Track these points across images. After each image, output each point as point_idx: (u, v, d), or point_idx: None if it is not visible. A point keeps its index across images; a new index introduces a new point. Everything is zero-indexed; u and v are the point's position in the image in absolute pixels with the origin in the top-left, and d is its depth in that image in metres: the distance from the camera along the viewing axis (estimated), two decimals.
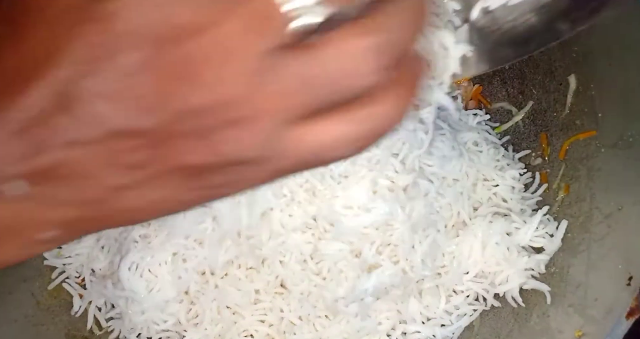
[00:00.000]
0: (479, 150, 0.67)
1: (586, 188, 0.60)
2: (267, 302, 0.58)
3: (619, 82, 0.58)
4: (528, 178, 0.67)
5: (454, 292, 0.62)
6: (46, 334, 0.58)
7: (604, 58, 0.60)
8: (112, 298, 0.59)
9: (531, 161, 0.68)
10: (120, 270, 0.57)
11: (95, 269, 0.60)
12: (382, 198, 0.57)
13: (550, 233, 0.61)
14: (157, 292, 0.57)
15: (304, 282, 0.58)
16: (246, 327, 0.58)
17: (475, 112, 0.72)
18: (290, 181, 0.57)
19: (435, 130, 0.65)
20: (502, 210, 0.64)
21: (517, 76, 0.72)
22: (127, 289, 0.57)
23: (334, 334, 0.59)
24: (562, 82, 0.65)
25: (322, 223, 0.58)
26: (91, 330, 0.60)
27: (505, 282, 0.61)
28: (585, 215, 0.59)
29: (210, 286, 0.58)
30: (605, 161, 0.59)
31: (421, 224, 0.59)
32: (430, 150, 0.62)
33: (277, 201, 0.57)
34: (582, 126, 0.62)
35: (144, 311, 0.58)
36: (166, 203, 0.23)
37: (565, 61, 0.65)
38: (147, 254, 0.57)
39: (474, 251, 0.61)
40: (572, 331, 0.53)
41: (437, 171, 0.62)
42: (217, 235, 0.57)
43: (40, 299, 0.59)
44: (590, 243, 0.57)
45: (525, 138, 0.70)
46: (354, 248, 0.58)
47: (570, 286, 0.57)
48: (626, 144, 0.57)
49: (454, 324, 0.61)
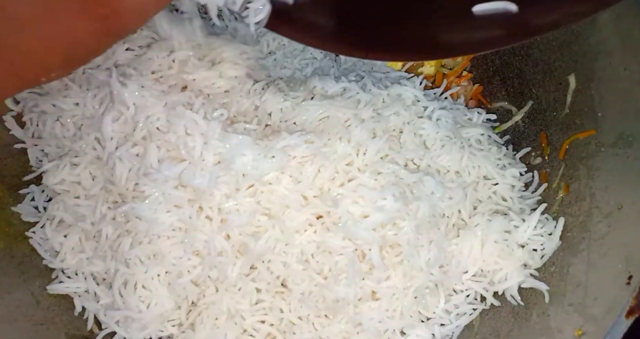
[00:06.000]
0: (481, 147, 0.67)
1: (586, 188, 0.60)
2: (267, 302, 0.58)
3: (618, 81, 0.58)
4: (528, 177, 0.67)
5: (454, 291, 0.62)
6: (46, 334, 0.58)
7: (603, 58, 0.60)
8: (110, 324, 0.59)
9: (531, 160, 0.68)
10: (114, 290, 0.58)
11: (94, 272, 0.60)
12: (392, 196, 0.57)
13: (549, 232, 0.61)
14: (155, 306, 0.58)
15: (305, 282, 0.58)
16: (246, 327, 0.58)
17: (479, 111, 0.72)
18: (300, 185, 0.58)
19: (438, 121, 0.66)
20: (501, 208, 0.64)
21: (516, 76, 0.72)
22: (123, 308, 0.58)
23: (334, 333, 0.59)
24: (561, 81, 0.65)
25: (327, 221, 0.58)
26: (91, 330, 0.60)
27: (504, 280, 0.61)
28: (585, 214, 0.59)
29: (210, 289, 0.58)
30: (604, 160, 0.59)
31: (425, 225, 0.59)
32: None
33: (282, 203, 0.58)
34: (582, 125, 0.62)
35: (145, 326, 0.58)
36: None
37: (565, 60, 0.65)
38: (139, 270, 0.57)
39: (473, 250, 0.61)
40: (572, 330, 0.53)
41: (440, 162, 0.63)
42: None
43: (40, 299, 0.59)
44: (590, 242, 0.57)
45: (525, 138, 0.70)
46: (358, 248, 0.58)
47: (570, 285, 0.57)
48: (626, 143, 0.57)
49: (454, 324, 0.61)
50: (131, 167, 0.58)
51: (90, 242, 0.60)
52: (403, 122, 0.64)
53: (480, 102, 0.76)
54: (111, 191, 0.59)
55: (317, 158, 0.58)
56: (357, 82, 0.67)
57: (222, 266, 0.57)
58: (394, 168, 0.60)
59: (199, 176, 0.56)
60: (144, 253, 0.57)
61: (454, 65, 0.78)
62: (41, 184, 0.63)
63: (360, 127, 0.61)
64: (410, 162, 0.63)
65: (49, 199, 0.63)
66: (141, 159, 0.57)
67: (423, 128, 0.64)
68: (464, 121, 0.70)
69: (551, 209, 0.64)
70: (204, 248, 0.57)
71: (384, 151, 0.61)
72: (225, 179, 0.56)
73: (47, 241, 0.61)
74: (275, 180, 0.57)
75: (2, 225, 0.61)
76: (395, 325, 0.59)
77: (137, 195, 0.57)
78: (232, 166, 0.56)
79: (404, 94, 0.66)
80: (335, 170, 0.58)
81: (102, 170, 0.60)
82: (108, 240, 0.59)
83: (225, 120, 0.59)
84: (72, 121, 0.61)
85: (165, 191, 0.56)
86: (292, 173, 0.58)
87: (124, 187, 0.58)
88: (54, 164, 0.61)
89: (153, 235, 0.57)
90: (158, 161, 0.57)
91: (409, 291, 0.59)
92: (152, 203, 0.56)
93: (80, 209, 0.60)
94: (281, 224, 0.57)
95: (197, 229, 0.57)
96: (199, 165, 0.56)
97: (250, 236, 0.57)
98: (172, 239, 0.57)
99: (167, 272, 0.58)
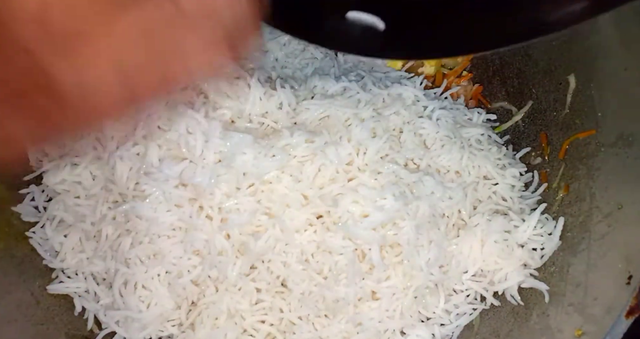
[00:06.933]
0: (481, 147, 0.67)
1: (586, 188, 0.60)
2: (267, 302, 0.58)
3: (618, 81, 0.58)
4: (528, 177, 0.67)
5: (454, 291, 0.62)
6: (46, 334, 0.58)
7: (603, 58, 0.60)
8: (110, 324, 0.59)
9: (531, 160, 0.68)
10: (114, 289, 0.58)
11: (94, 272, 0.60)
12: (392, 196, 0.57)
13: (548, 232, 0.61)
14: (155, 306, 0.58)
15: (305, 282, 0.58)
16: (246, 327, 0.58)
17: (479, 111, 0.72)
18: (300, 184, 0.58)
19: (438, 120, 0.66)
20: (501, 208, 0.64)
21: (516, 76, 0.72)
22: (123, 308, 0.58)
23: (334, 333, 0.59)
24: (561, 81, 0.65)
25: (327, 220, 0.58)
26: (91, 330, 0.60)
27: (504, 280, 0.61)
28: (585, 214, 0.59)
29: (210, 289, 0.58)
30: (604, 160, 0.59)
31: (425, 225, 0.59)
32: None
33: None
34: (582, 125, 0.62)
35: (145, 326, 0.58)
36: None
37: (564, 60, 0.65)
38: (139, 270, 0.57)
39: (473, 250, 0.61)
40: (572, 330, 0.53)
41: (440, 162, 0.63)
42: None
43: (40, 299, 0.59)
44: (590, 242, 0.57)
45: (525, 138, 0.70)
46: (358, 248, 0.58)
47: (570, 285, 0.57)
48: (626, 143, 0.57)
49: (454, 323, 0.61)
50: (132, 166, 0.58)
51: (90, 242, 0.60)
52: (403, 122, 0.64)
53: (480, 102, 0.76)
54: (111, 191, 0.59)
55: (318, 158, 0.58)
56: (357, 82, 0.67)
57: (222, 265, 0.57)
58: (394, 167, 0.60)
59: (200, 175, 0.56)
60: (144, 252, 0.57)
61: (454, 65, 0.78)
62: (41, 184, 0.63)
63: (360, 127, 0.61)
64: (410, 161, 0.63)
65: (49, 199, 0.63)
66: (142, 158, 0.57)
67: (423, 128, 0.64)
68: (464, 121, 0.70)
69: (551, 209, 0.64)
70: (204, 248, 0.57)
71: (384, 150, 0.61)
72: (225, 178, 0.56)
73: (47, 241, 0.61)
74: (276, 179, 0.57)
75: (2, 225, 0.61)
76: (395, 325, 0.59)
77: (137, 194, 0.57)
78: (233, 164, 0.56)
79: (404, 94, 0.67)
80: (335, 169, 0.58)
81: (103, 170, 0.60)
82: (108, 240, 0.59)
83: (226, 119, 0.59)
84: None
85: (166, 190, 0.56)
86: (293, 172, 0.58)
87: (124, 186, 0.58)
88: (54, 164, 0.61)
89: (153, 235, 0.57)
90: (159, 160, 0.57)
91: (409, 291, 0.59)
92: (153, 203, 0.56)
93: (81, 209, 0.60)
94: (281, 223, 0.57)
95: (198, 228, 0.57)
96: (199, 163, 0.56)
97: (251, 236, 0.57)
98: (172, 238, 0.57)
99: (167, 272, 0.58)
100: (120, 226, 0.58)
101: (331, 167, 0.58)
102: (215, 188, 0.56)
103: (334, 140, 0.60)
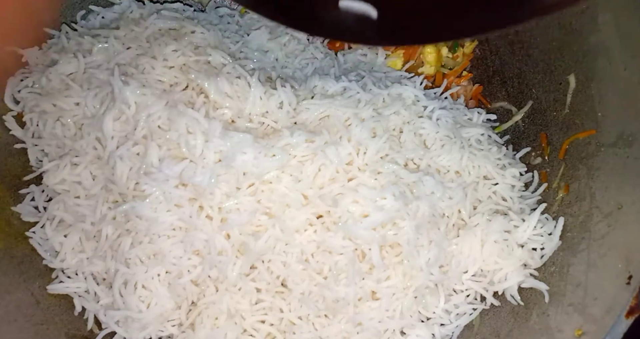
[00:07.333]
0: (481, 147, 0.67)
1: (586, 188, 0.60)
2: (267, 302, 0.58)
3: (618, 81, 0.58)
4: (528, 177, 0.67)
5: (454, 291, 0.62)
6: (46, 334, 0.58)
7: (603, 58, 0.60)
8: (110, 324, 0.59)
9: (531, 160, 0.68)
10: (114, 289, 0.58)
11: (94, 272, 0.60)
12: (392, 196, 0.57)
13: (548, 232, 0.61)
14: (155, 306, 0.58)
15: (305, 282, 0.58)
16: (246, 327, 0.58)
17: (479, 111, 0.72)
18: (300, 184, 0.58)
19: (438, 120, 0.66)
20: (501, 208, 0.64)
21: (516, 76, 0.72)
22: (123, 308, 0.58)
23: (334, 333, 0.59)
24: (561, 81, 0.65)
25: (327, 220, 0.58)
26: (91, 330, 0.60)
27: (504, 280, 0.61)
28: (585, 214, 0.59)
29: (210, 289, 0.58)
30: (604, 160, 0.59)
31: (425, 225, 0.59)
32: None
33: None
34: (582, 125, 0.62)
35: (145, 326, 0.58)
36: None
37: (564, 60, 0.65)
38: (139, 270, 0.57)
39: (473, 250, 0.61)
40: (572, 330, 0.53)
41: (440, 162, 0.63)
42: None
43: (40, 299, 0.59)
44: (590, 242, 0.57)
45: (525, 138, 0.70)
46: (358, 247, 0.58)
47: (570, 285, 0.57)
48: (626, 143, 0.57)
49: (454, 323, 0.61)
50: (132, 165, 0.58)
51: (90, 242, 0.60)
52: (403, 122, 0.64)
53: (480, 102, 0.76)
54: (112, 191, 0.59)
55: (318, 158, 0.58)
56: (357, 82, 0.67)
57: (222, 265, 0.57)
58: (394, 167, 0.60)
59: (200, 174, 0.56)
60: (144, 252, 0.57)
61: (454, 65, 0.78)
62: (41, 184, 0.63)
63: (360, 127, 0.61)
64: (410, 161, 0.63)
65: (49, 199, 0.63)
66: (142, 158, 0.58)
67: (423, 128, 0.64)
68: (464, 121, 0.70)
69: (551, 209, 0.64)
70: (204, 248, 0.57)
71: (384, 150, 0.61)
72: (225, 177, 0.56)
73: (47, 241, 0.61)
74: (276, 178, 0.57)
75: (2, 225, 0.61)
76: (395, 325, 0.59)
77: (137, 194, 0.57)
78: (233, 164, 0.56)
79: (404, 94, 0.67)
80: (335, 169, 0.58)
81: (103, 170, 0.60)
82: (108, 240, 0.59)
83: (226, 119, 0.59)
84: (72, 121, 0.61)
85: (166, 190, 0.56)
86: (293, 172, 0.58)
87: (124, 186, 0.58)
88: (54, 164, 0.61)
89: (153, 235, 0.57)
90: (159, 160, 0.57)
91: (409, 291, 0.59)
92: (153, 202, 0.56)
93: (81, 209, 0.60)
94: (281, 223, 0.57)
95: (198, 228, 0.57)
96: (199, 163, 0.56)
97: (251, 236, 0.57)
98: (172, 238, 0.57)
99: (167, 272, 0.58)
100: (120, 226, 0.58)
101: (331, 166, 0.58)
102: (215, 188, 0.56)
103: (334, 140, 0.60)
